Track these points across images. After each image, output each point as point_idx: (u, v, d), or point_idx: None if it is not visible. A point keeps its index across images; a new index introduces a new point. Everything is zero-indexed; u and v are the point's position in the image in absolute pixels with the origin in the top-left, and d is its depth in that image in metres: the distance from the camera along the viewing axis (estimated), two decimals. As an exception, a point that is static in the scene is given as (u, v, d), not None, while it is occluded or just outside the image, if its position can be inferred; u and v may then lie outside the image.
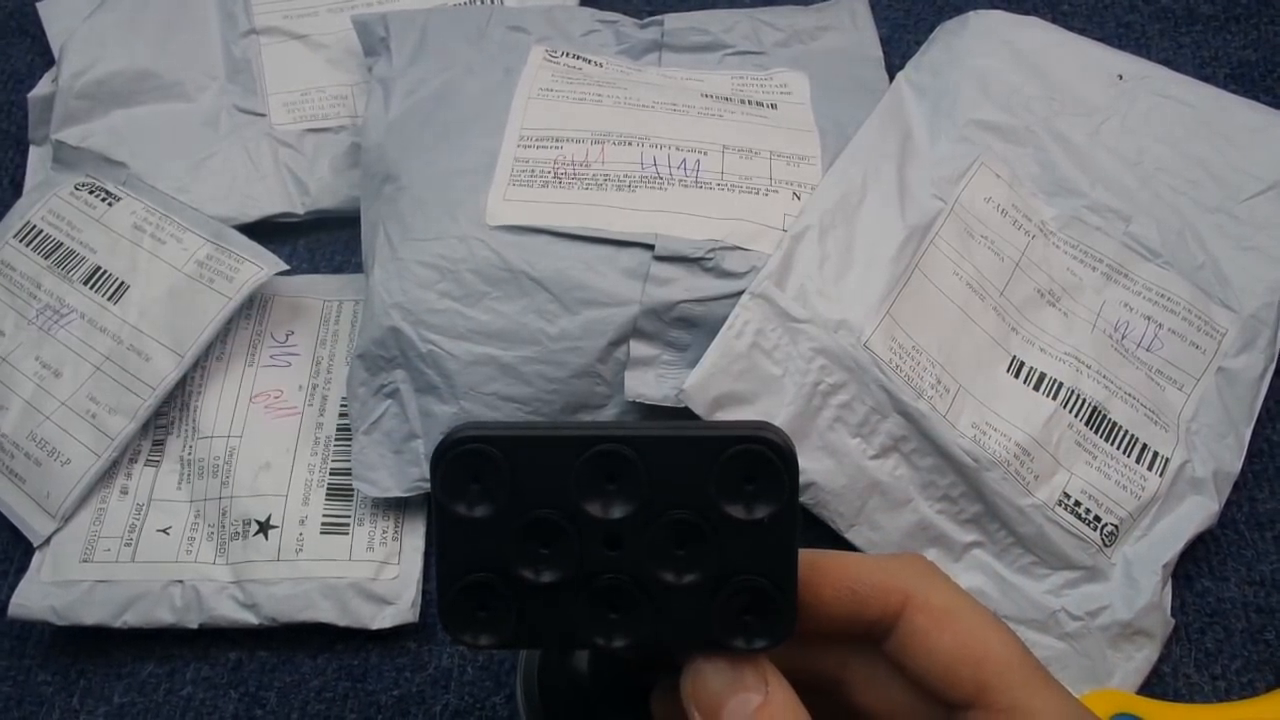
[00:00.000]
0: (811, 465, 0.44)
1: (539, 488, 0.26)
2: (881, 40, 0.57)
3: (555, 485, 0.26)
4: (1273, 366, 0.48)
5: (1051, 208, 0.49)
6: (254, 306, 0.52)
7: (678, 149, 0.47)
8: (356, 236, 0.51)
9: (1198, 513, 0.45)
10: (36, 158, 0.58)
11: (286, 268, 0.50)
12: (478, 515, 0.26)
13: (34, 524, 0.47)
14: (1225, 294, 0.48)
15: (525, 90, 0.50)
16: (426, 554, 0.46)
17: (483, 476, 0.26)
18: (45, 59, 0.62)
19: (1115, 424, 0.45)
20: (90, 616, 0.44)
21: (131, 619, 0.44)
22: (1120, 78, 0.53)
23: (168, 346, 0.48)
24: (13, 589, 0.45)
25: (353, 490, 0.46)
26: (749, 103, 0.51)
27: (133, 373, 0.48)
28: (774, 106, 0.51)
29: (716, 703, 0.25)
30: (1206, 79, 0.55)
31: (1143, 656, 0.43)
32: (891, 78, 0.54)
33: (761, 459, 0.25)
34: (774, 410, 0.43)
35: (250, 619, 0.44)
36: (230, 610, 0.44)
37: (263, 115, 0.57)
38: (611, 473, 0.26)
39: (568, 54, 0.53)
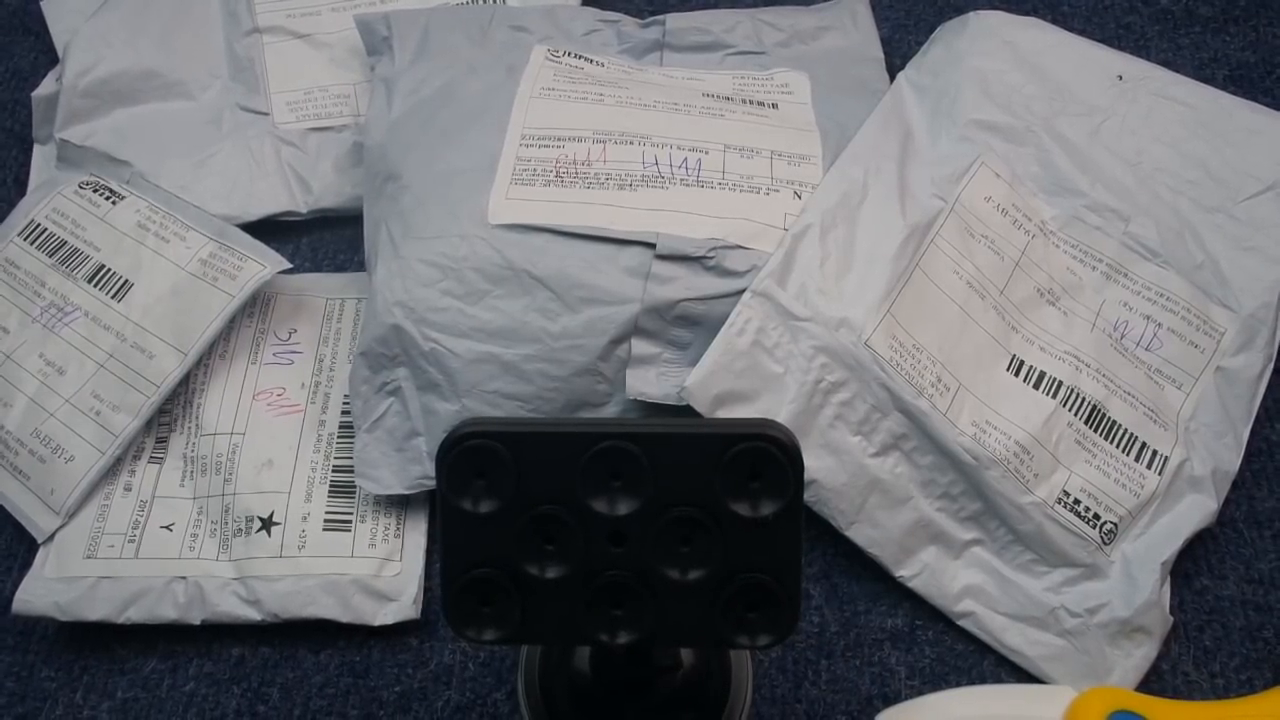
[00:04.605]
0: (812, 463, 0.44)
1: (544, 484, 0.26)
2: (882, 40, 0.57)
3: (560, 481, 0.26)
4: (1271, 366, 0.49)
5: (1051, 207, 0.49)
6: (256, 304, 0.52)
7: (679, 148, 0.48)
8: (359, 235, 0.51)
9: (1196, 511, 0.45)
10: (40, 156, 0.58)
11: (289, 266, 0.50)
12: (483, 511, 0.26)
13: (38, 520, 0.47)
14: (1224, 294, 0.48)
15: (527, 89, 0.50)
16: (428, 551, 0.46)
17: (488, 472, 0.26)
18: (49, 58, 0.62)
19: (1115, 423, 0.45)
20: (94, 612, 0.44)
21: (135, 615, 0.44)
22: (1120, 78, 0.53)
23: (171, 344, 0.48)
24: (17, 585, 0.45)
25: (355, 487, 0.47)
26: (750, 102, 0.51)
27: (136, 370, 0.48)
28: (775, 106, 0.51)
29: None
30: (1205, 80, 0.55)
31: (1141, 654, 0.43)
32: (892, 78, 0.54)
33: (767, 456, 0.25)
34: (775, 408, 0.44)
35: (253, 615, 0.44)
36: (233, 606, 0.44)
37: (266, 114, 0.57)
38: (617, 469, 0.26)
39: (569, 53, 0.53)
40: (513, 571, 0.26)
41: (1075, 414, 0.45)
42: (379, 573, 0.45)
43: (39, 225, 0.51)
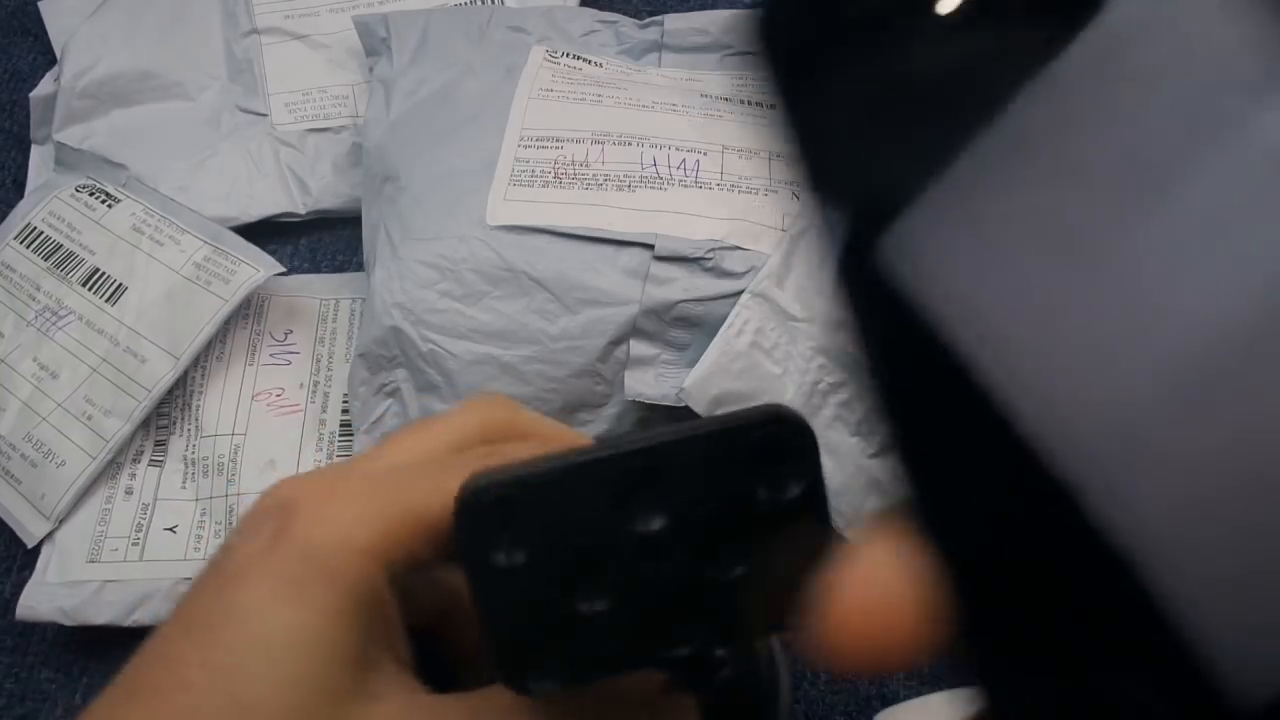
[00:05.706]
0: (811, 464, 0.44)
1: (570, 520, 0.25)
2: (881, 39, 0.57)
3: (586, 513, 0.25)
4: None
5: (1051, 207, 0.49)
6: (252, 306, 0.52)
7: (677, 149, 0.47)
8: (358, 236, 0.51)
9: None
10: (39, 157, 0.58)
11: (283, 270, 0.50)
12: (512, 562, 0.25)
13: (28, 525, 0.47)
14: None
15: (526, 90, 0.50)
16: (427, 553, 0.46)
17: (511, 522, 0.25)
18: (47, 59, 0.62)
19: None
20: (100, 616, 0.44)
21: (142, 617, 0.44)
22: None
23: (164, 349, 0.48)
24: (14, 587, 0.45)
25: (354, 489, 0.47)
26: (749, 103, 0.51)
27: (129, 375, 0.48)
28: (773, 107, 0.51)
29: None
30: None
31: (1142, 655, 0.43)
32: (891, 77, 0.54)
33: (782, 439, 0.25)
34: (773, 410, 0.44)
35: (253, 617, 0.44)
36: (233, 609, 0.44)
37: (264, 115, 0.57)
38: (638, 487, 0.25)
39: (568, 54, 0.53)
40: (558, 614, 0.26)
41: (1075, 414, 0.45)
42: (378, 575, 0.45)
43: (35, 229, 0.51)
